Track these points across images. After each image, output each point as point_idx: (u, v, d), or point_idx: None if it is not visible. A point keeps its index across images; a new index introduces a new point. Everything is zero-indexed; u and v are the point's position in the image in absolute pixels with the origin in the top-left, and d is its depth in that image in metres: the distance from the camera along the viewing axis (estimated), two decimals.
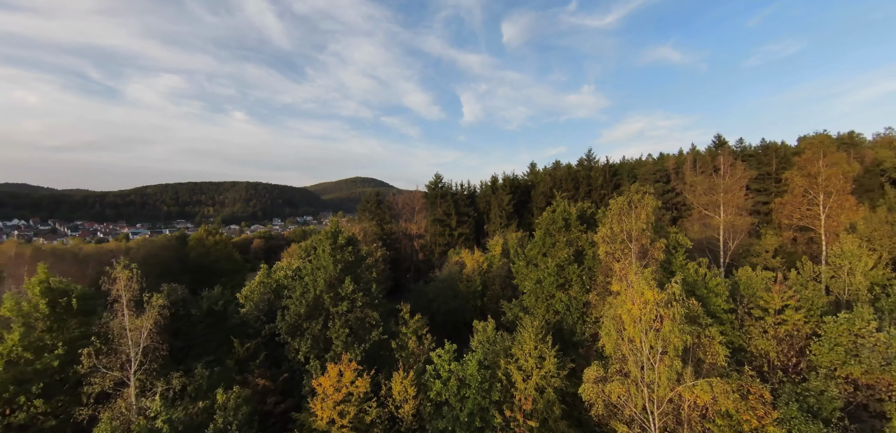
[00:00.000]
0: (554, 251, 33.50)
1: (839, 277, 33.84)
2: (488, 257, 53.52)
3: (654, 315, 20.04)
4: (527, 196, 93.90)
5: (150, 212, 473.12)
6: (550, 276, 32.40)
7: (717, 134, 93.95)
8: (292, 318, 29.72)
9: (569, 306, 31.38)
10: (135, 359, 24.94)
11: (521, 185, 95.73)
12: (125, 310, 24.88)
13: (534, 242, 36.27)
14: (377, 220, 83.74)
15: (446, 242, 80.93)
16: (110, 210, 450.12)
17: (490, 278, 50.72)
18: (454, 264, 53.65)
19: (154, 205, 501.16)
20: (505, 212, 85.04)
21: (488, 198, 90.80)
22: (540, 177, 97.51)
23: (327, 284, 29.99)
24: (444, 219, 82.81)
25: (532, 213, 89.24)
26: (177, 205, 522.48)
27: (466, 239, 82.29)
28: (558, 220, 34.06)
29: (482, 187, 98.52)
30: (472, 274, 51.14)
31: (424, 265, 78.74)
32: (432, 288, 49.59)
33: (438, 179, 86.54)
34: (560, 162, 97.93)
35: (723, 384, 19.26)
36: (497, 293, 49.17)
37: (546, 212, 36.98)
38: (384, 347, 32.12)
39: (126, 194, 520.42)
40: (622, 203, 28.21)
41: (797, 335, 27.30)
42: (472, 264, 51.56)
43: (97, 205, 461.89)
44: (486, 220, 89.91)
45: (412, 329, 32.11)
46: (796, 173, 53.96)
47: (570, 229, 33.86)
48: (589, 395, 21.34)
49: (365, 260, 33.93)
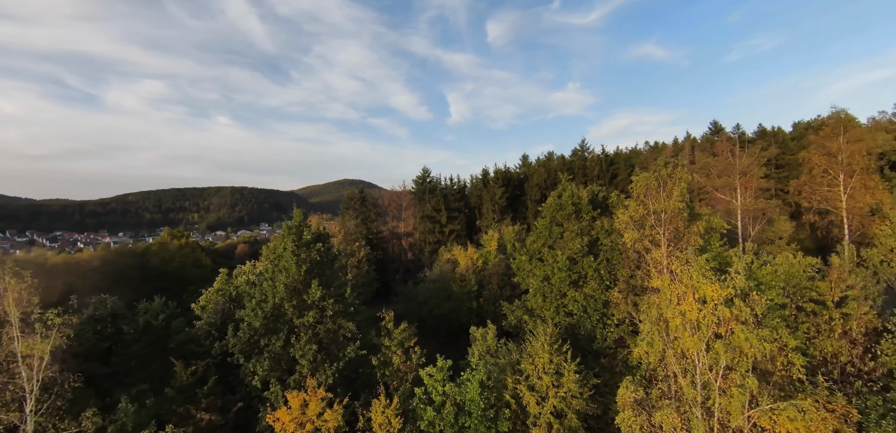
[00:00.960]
0: (563, 242, 28.35)
1: (892, 262, 29.28)
2: (483, 253, 48.24)
3: (715, 317, 14.86)
4: (520, 189, 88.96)
5: (132, 220, 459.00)
6: (561, 272, 27.18)
7: (714, 120, 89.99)
8: (247, 334, 23.98)
9: (585, 307, 26.19)
10: (30, 395, 19.02)
11: (513, 177, 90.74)
12: (16, 333, 18.95)
13: (537, 233, 31.08)
14: (361, 219, 78.03)
15: (436, 240, 75.48)
16: (91, 219, 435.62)
17: (486, 276, 45.45)
18: (446, 263, 48.24)
19: (136, 213, 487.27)
20: (498, 206, 79.92)
21: (480, 192, 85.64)
22: (533, 169, 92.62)
23: (290, 291, 24.32)
24: (433, 215, 77.37)
25: (526, 206, 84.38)
26: (160, 212, 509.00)
27: (458, 236, 76.97)
28: (566, 206, 28.89)
29: (473, 182, 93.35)
30: (466, 272, 45.84)
31: (414, 265, 73.20)
32: (422, 289, 44.14)
33: (426, 174, 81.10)
34: (554, 152, 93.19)
35: (814, 406, 14.19)
36: (495, 293, 43.90)
37: (551, 197, 31.80)
38: (363, 364, 26.58)
39: (107, 203, 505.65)
40: (648, 180, 23.09)
41: (862, 333, 22.51)
42: (466, 262, 46.24)
43: (77, 214, 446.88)
44: (478, 216, 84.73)
45: (397, 341, 26.63)
46: (814, 152, 49.79)
47: (580, 216, 28.73)
48: (630, 428, 16.12)
49: (337, 259, 28.33)
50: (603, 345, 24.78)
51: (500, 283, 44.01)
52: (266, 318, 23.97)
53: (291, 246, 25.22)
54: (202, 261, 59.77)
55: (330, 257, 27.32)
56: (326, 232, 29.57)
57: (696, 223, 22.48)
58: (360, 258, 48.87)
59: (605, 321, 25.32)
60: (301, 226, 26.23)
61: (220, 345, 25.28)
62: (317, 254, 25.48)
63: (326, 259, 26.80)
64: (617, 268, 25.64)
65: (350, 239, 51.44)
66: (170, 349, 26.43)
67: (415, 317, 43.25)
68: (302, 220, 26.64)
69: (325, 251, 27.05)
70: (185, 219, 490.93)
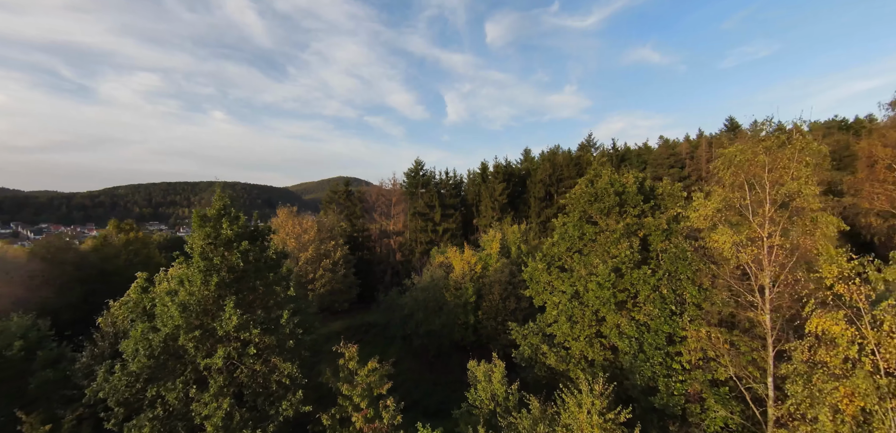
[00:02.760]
0: (599, 246, 20.22)
1: None
2: (483, 257, 39.98)
3: None
4: (522, 186, 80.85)
5: (120, 213, 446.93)
6: (602, 289, 18.94)
7: (730, 116, 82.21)
8: (125, 382, 15.52)
9: (639, 340, 18.02)
10: None
11: (515, 173, 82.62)
12: None
13: (561, 233, 22.85)
14: (346, 215, 69.57)
15: (429, 240, 67.12)
16: (78, 212, 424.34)
17: (486, 285, 37.22)
18: (438, 267, 39.93)
19: (125, 206, 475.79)
20: (498, 203, 71.71)
21: (478, 188, 77.41)
22: (536, 164, 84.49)
23: (192, 314, 15.91)
24: (426, 212, 69.01)
25: (529, 204, 76.29)
26: (150, 206, 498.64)
27: (453, 236, 68.68)
28: (606, 197, 20.69)
29: (470, 177, 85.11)
30: (461, 279, 37.61)
31: (404, 267, 64.90)
32: (409, 299, 35.72)
33: (419, 166, 72.69)
34: (560, 146, 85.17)
35: None
36: (496, 305, 35.67)
37: (580, 185, 23.61)
38: (310, 421, 18.19)
39: (95, 195, 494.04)
40: (747, 154, 14.91)
41: None
42: (462, 266, 37.98)
43: (64, 206, 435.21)
44: (475, 214, 76.54)
45: (362, 387, 18.22)
46: (876, 142, 42.18)
47: (624, 211, 20.56)
48: None
49: (278, 266, 19.93)
50: (669, 400, 16.57)
51: (504, 294, 35.78)
52: (154, 357, 15.51)
53: (201, 245, 16.80)
54: (154, 259, 51.13)
55: (263, 264, 18.88)
56: (267, 226, 21.17)
57: (823, 221, 14.27)
58: (335, 260, 40.47)
59: (670, 365, 17.12)
60: (221, 215, 17.78)
61: (91, 391, 16.71)
62: (238, 258, 17.04)
63: (256, 267, 18.39)
64: (685, 285, 17.48)
65: (325, 237, 43.01)
66: (27, 392, 17.97)
67: (397, 332, 34.94)
68: (223, 207, 18.16)
69: (259, 251, 18.64)
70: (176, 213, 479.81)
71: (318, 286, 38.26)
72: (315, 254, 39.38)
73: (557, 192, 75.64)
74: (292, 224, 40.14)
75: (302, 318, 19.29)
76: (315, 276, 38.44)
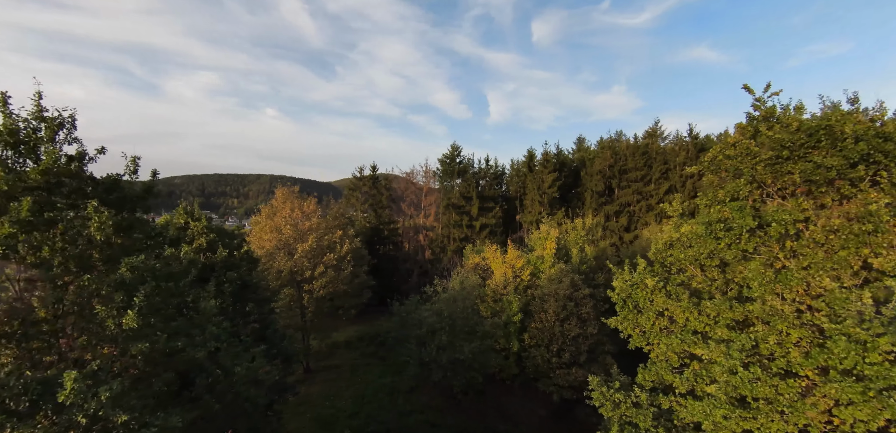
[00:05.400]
0: (808, 246, 9.71)
1: None
2: (531, 260, 29.81)
3: None
4: (574, 179, 69.31)
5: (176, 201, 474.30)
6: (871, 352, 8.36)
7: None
8: None
9: None
10: None
11: (566, 163, 71.14)
12: None
13: (717, 217, 12.06)
14: (371, 204, 61.40)
15: (463, 237, 57.55)
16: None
17: (536, 299, 27.12)
18: (471, 270, 30.22)
19: (180, 195, 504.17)
20: (546, 196, 60.88)
21: (522, 179, 66.87)
22: (592, 153, 72.51)
23: None
24: (461, 204, 59.49)
25: (582, 199, 64.71)
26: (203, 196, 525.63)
27: (492, 232, 58.69)
28: (840, 144, 9.87)
29: (514, 168, 74.57)
30: (502, 289, 27.72)
31: (433, 266, 55.74)
32: (431, 313, 26.00)
33: (456, 151, 63.20)
34: (622, 132, 72.44)
35: None
36: (550, 328, 25.48)
37: (746, 131, 12.86)
38: None
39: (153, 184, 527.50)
40: None
41: None
42: (504, 271, 28.07)
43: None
44: (518, 209, 66.08)
45: None
46: None
47: (877, 173, 9.76)
48: None
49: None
50: None
51: (562, 313, 25.49)
52: None
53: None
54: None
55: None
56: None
57: None
58: (340, 254, 31.76)
59: None
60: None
61: None
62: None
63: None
64: None
65: (332, 225, 34.47)
66: None
67: (413, 355, 25.59)
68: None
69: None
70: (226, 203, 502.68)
71: (317, 286, 29.64)
72: (317, 247, 30.83)
73: (619, 185, 63.51)
74: (290, 207, 31.85)
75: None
76: (314, 274, 29.86)
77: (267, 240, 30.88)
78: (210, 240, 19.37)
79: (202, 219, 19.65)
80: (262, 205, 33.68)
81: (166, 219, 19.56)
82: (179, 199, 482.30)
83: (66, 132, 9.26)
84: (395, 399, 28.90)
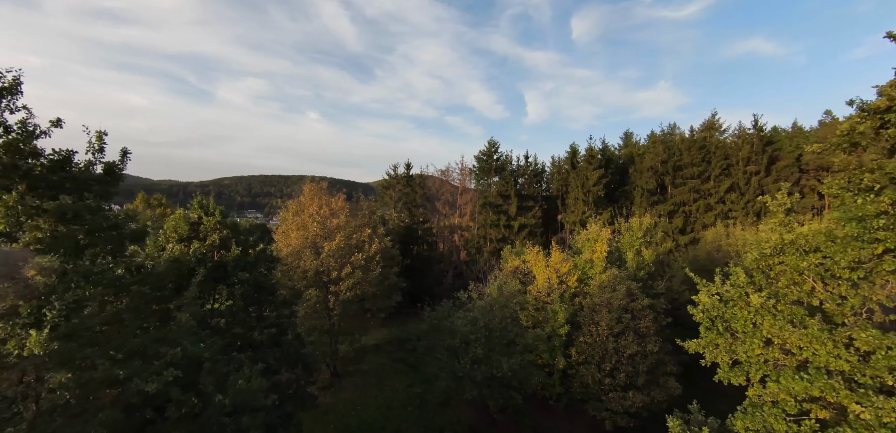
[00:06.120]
0: None
1: None
2: (579, 264, 26.34)
3: None
4: (621, 176, 64.23)
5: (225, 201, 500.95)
6: None
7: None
8: None
9: None
10: None
11: (613, 160, 66.12)
12: None
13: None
14: (404, 203, 59.52)
15: (501, 237, 54.43)
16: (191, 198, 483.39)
17: (585, 309, 23.73)
18: (510, 275, 27.21)
19: (229, 195, 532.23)
20: (592, 195, 56.50)
21: (565, 177, 62.76)
22: (642, 149, 67.06)
23: None
24: (498, 203, 56.39)
25: (631, 198, 59.64)
26: (249, 195, 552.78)
27: (532, 233, 55.18)
28: None
29: (555, 165, 70.49)
30: (546, 296, 24.53)
31: (468, 268, 53.02)
32: (464, 322, 23.13)
33: (493, 147, 60.13)
34: (676, 125, 66.44)
35: None
36: (603, 343, 22.04)
37: None
38: None
39: (206, 184, 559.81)
40: None
41: None
42: (548, 277, 24.84)
43: (180, 193, 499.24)
44: (560, 209, 62.01)
45: None
46: None
47: None
48: None
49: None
50: None
51: (616, 326, 21.97)
52: None
53: None
54: None
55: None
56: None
57: None
58: (369, 254, 29.76)
59: None
60: None
61: None
62: None
63: None
64: None
65: (361, 223, 32.60)
66: None
67: (445, 367, 23.01)
68: None
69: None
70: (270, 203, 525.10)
71: (343, 288, 27.76)
72: (344, 246, 28.98)
73: (673, 183, 57.92)
74: (318, 204, 30.23)
75: None
76: (340, 275, 28.00)
77: (294, 237, 29.39)
78: (223, 236, 17.70)
79: (217, 214, 18.02)
80: (289, 201, 32.29)
81: (180, 214, 18.01)
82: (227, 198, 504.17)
83: (7, 101, 7.41)
84: (425, 412, 26.47)
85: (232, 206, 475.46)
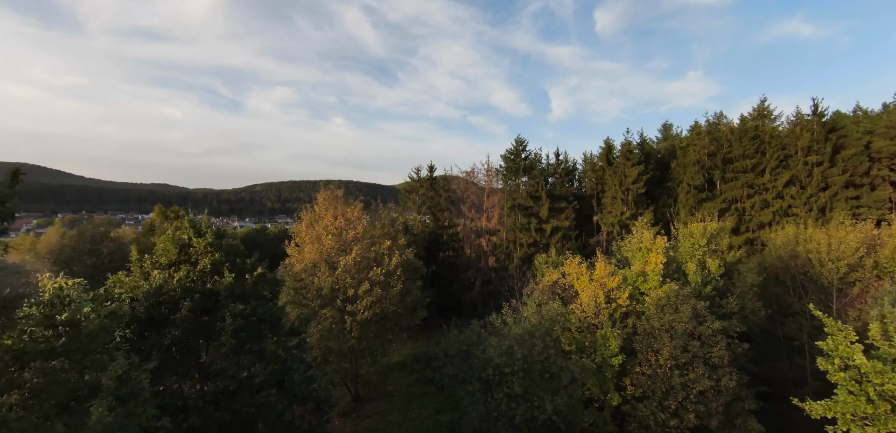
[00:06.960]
0: None
1: None
2: (629, 278, 22.56)
3: None
4: (662, 172, 59.02)
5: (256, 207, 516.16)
6: None
7: None
8: None
9: None
10: None
11: (652, 154, 60.98)
12: None
13: None
14: (429, 207, 56.85)
15: (531, 242, 50.76)
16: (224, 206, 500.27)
17: (641, 335, 20.01)
18: (548, 290, 23.76)
19: (260, 201, 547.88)
20: (631, 193, 51.89)
21: (599, 174, 58.22)
22: (684, 141, 61.70)
23: None
24: (528, 205, 52.70)
25: (674, 196, 54.44)
26: (279, 201, 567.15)
27: (565, 237, 51.19)
28: None
29: (587, 162, 65.95)
30: (593, 317, 20.95)
31: (497, 275, 49.71)
32: (498, 350, 19.83)
33: (521, 145, 56.44)
34: (723, 114, 60.62)
35: None
36: (665, 374, 18.33)
37: None
38: None
39: (238, 192, 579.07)
40: None
41: None
42: (594, 293, 21.24)
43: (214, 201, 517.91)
44: (595, 209, 57.52)
45: None
46: None
47: None
48: None
49: None
50: None
51: (681, 356, 18.18)
52: None
53: None
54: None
55: None
56: None
57: None
58: (389, 269, 26.97)
59: None
60: None
61: None
62: None
63: None
64: None
65: (379, 234, 29.88)
66: None
67: (477, 399, 19.90)
68: None
69: None
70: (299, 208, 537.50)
71: (361, 307, 25.06)
72: (362, 260, 26.35)
73: (723, 178, 52.44)
74: (333, 214, 27.72)
75: None
76: (358, 293, 25.34)
77: (308, 251, 26.99)
78: (215, 260, 15.21)
79: (208, 235, 15.54)
80: (303, 212, 29.99)
81: (169, 235, 15.62)
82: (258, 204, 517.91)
83: None
84: None
85: (263, 212, 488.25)
